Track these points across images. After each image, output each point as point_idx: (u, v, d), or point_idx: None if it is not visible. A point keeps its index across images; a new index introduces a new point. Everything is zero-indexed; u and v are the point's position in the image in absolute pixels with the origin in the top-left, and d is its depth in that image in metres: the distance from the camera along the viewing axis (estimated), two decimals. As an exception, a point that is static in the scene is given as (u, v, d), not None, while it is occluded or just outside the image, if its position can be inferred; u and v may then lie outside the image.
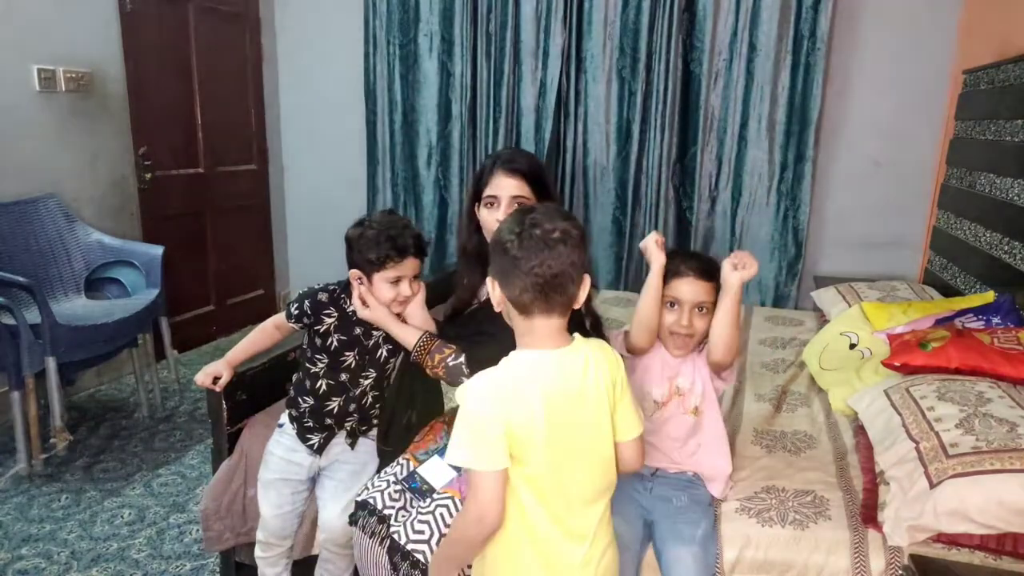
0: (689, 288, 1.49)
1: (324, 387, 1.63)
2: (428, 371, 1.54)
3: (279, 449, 1.67)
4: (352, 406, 1.64)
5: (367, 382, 1.65)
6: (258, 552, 1.70)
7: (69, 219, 2.88)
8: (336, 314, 1.61)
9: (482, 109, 3.69)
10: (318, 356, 1.63)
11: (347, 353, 1.62)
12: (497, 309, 1.20)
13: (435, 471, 1.52)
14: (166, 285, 2.85)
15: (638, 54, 3.42)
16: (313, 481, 1.69)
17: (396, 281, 1.55)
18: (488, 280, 1.19)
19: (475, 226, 1.68)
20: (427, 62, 3.74)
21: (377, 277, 1.55)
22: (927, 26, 3.21)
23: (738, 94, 3.34)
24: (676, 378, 1.56)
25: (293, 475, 1.66)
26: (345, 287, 1.61)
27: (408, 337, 1.55)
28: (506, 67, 3.59)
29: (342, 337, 1.61)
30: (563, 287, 1.11)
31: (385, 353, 1.65)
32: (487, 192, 1.60)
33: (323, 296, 1.61)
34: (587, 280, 1.16)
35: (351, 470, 1.65)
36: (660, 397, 1.57)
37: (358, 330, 1.62)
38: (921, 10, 3.20)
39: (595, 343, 1.22)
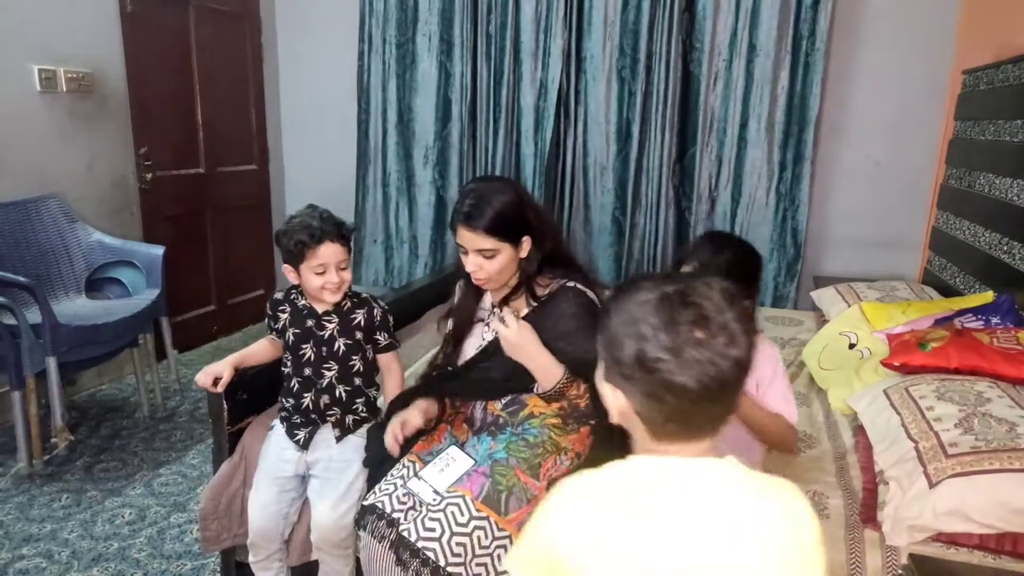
0: None
1: (296, 384, 1.71)
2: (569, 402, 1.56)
3: (271, 449, 1.73)
4: (325, 399, 1.69)
5: (331, 374, 1.70)
6: (250, 556, 1.72)
7: (70, 219, 2.88)
8: (288, 309, 1.73)
9: (482, 109, 3.69)
10: (286, 355, 1.73)
11: (303, 346, 1.70)
12: (616, 420, 0.87)
13: (425, 483, 1.52)
14: (167, 285, 2.85)
15: (638, 54, 3.43)
16: (303, 482, 1.71)
17: (322, 272, 1.62)
18: (601, 384, 0.88)
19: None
20: (425, 62, 3.74)
21: (303, 268, 1.63)
22: (927, 26, 3.21)
23: (738, 94, 3.34)
24: None
25: (281, 472, 1.69)
26: (288, 290, 1.76)
27: (554, 371, 1.54)
28: (506, 67, 3.59)
29: (296, 330, 1.70)
30: (723, 400, 0.79)
31: (343, 347, 1.70)
32: (457, 238, 1.57)
33: (278, 295, 1.76)
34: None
35: (337, 468, 1.67)
36: None
37: (310, 322, 1.70)
38: (921, 10, 3.21)
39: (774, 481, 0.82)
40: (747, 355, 0.77)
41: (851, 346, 2.26)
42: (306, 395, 1.69)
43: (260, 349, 1.81)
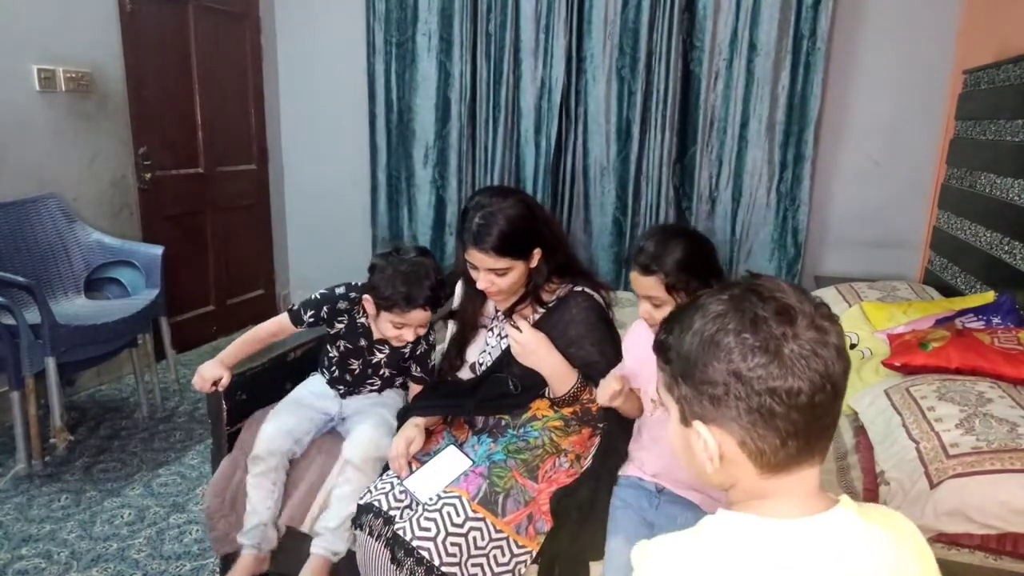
0: (635, 282, 1.43)
1: (337, 372, 1.75)
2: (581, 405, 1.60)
3: (307, 386, 1.77)
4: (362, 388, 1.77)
5: (373, 385, 1.75)
6: (249, 469, 1.67)
7: (69, 219, 2.88)
8: (346, 320, 1.69)
9: (481, 109, 3.69)
10: (334, 345, 1.72)
11: (352, 360, 1.71)
12: (711, 469, 0.73)
13: (422, 483, 1.52)
14: (166, 285, 2.85)
15: (638, 54, 3.42)
16: (325, 425, 1.74)
17: (400, 327, 1.59)
18: (682, 432, 0.77)
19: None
20: (425, 61, 3.74)
21: (384, 314, 1.60)
22: (927, 26, 3.20)
23: (738, 94, 3.33)
24: None
25: (311, 403, 1.72)
26: (357, 300, 1.68)
27: (568, 376, 1.56)
28: (506, 67, 3.59)
29: (348, 345, 1.69)
30: (835, 405, 0.70)
31: (388, 373, 1.73)
32: (466, 255, 1.56)
33: (341, 304, 1.67)
34: None
35: (376, 404, 1.71)
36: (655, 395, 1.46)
37: (363, 342, 1.69)
38: (921, 10, 3.20)
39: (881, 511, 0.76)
40: (843, 342, 0.69)
41: (852, 346, 2.26)
42: (340, 386, 1.77)
43: (255, 345, 1.77)
